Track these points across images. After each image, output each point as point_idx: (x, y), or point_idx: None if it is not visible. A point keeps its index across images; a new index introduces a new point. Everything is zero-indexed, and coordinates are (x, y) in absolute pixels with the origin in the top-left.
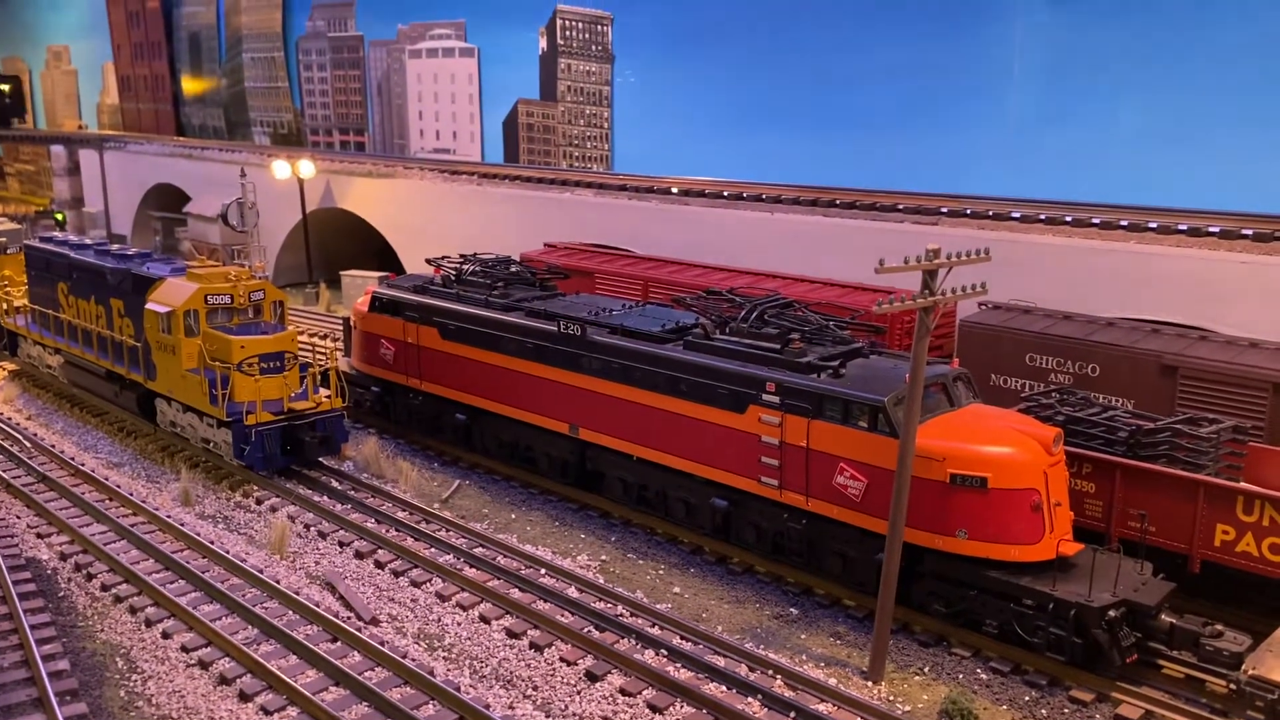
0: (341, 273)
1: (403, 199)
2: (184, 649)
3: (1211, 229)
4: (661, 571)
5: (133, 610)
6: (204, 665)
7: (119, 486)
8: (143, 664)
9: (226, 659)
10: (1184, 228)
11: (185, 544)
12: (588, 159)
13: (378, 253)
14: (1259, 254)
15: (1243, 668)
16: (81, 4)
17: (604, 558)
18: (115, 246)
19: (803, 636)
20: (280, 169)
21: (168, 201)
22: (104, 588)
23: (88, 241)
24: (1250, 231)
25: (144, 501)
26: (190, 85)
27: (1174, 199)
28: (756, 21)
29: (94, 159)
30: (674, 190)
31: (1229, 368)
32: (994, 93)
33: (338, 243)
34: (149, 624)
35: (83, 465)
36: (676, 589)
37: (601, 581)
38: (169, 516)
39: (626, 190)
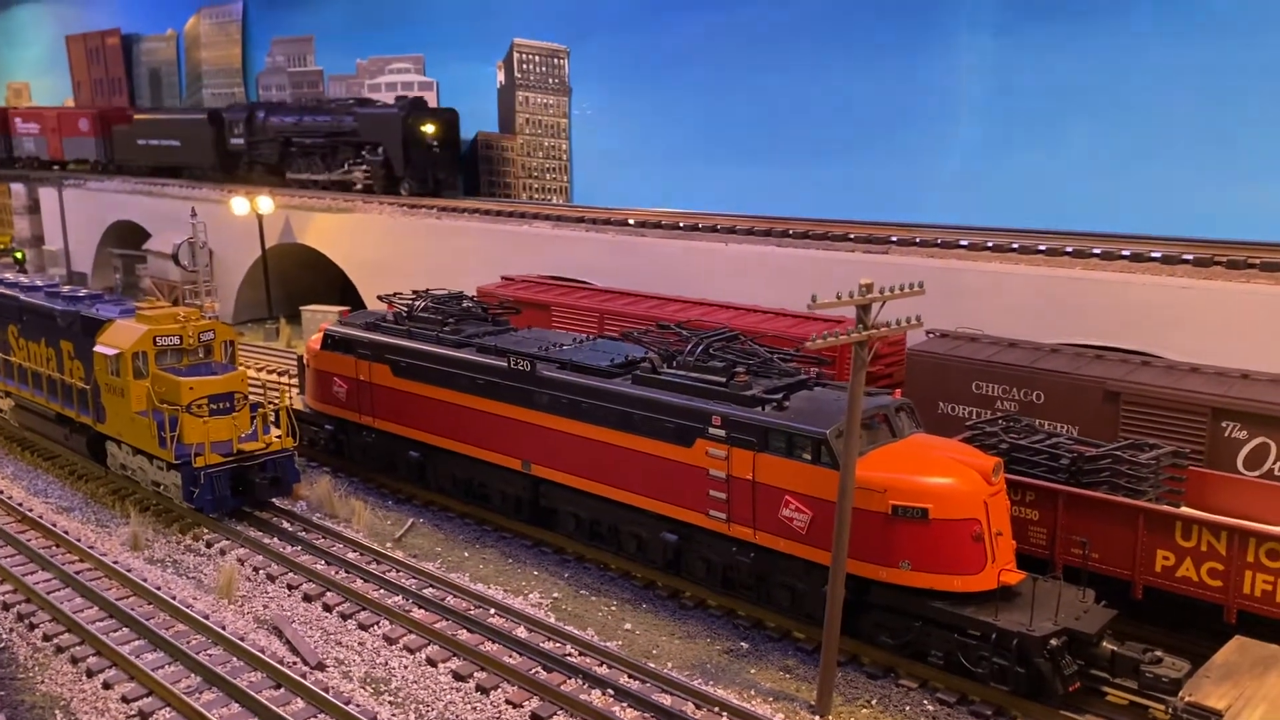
0: (302, 308)
1: (362, 233)
2: (124, 699)
3: (1154, 254)
4: (614, 607)
5: (74, 660)
6: (144, 716)
7: (67, 532)
8: (82, 716)
9: (167, 709)
10: (1126, 253)
11: (131, 590)
12: (547, 190)
13: (340, 287)
14: (1199, 279)
15: (1179, 694)
16: (42, 41)
17: (556, 595)
18: (66, 288)
19: (752, 671)
20: (239, 205)
21: (129, 238)
22: (46, 638)
23: (39, 283)
24: (1191, 256)
25: (91, 547)
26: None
27: (1117, 225)
28: (709, 54)
29: (53, 196)
30: (630, 222)
31: (1169, 393)
32: (943, 122)
33: (300, 277)
34: (90, 674)
35: (30, 511)
36: (628, 625)
37: (553, 620)
38: (116, 562)
39: (584, 222)
